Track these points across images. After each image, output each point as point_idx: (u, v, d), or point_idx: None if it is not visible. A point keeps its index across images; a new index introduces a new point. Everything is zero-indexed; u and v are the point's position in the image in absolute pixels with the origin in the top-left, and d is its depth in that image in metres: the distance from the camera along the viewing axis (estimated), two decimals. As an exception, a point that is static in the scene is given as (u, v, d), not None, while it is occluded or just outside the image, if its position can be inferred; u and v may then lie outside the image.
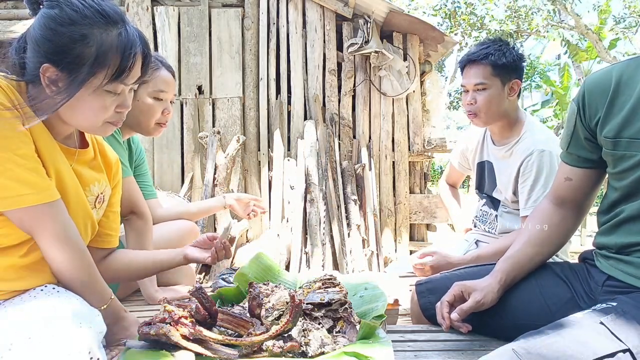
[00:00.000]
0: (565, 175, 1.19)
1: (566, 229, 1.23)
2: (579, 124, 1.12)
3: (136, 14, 4.05)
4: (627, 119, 1.00)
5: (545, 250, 1.22)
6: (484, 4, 11.50)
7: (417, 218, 4.30)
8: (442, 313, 1.18)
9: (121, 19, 1.00)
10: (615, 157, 1.04)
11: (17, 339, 0.80)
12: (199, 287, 1.05)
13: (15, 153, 0.93)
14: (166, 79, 1.65)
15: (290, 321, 0.98)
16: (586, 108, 1.09)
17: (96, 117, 1.02)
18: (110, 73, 0.98)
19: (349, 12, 4.14)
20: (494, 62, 1.74)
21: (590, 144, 1.12)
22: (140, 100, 1.61)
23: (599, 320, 0.89)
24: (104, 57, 0.96)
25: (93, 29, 0.96)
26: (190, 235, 1.93)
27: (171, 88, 1.68)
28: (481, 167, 2.02)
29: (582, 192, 1.19)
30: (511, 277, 1.19)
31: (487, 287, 1.17)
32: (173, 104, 1.74)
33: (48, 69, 0.96)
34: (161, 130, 1.71)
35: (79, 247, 1.05)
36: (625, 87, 1.02)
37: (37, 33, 0.96)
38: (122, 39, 0.99)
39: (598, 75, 1.09)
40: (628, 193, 1.04)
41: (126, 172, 1.56)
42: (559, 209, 1.23)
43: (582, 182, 1.17)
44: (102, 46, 0.96)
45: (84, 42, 0.95)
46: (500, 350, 0.87)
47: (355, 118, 4.28)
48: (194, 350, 0.94)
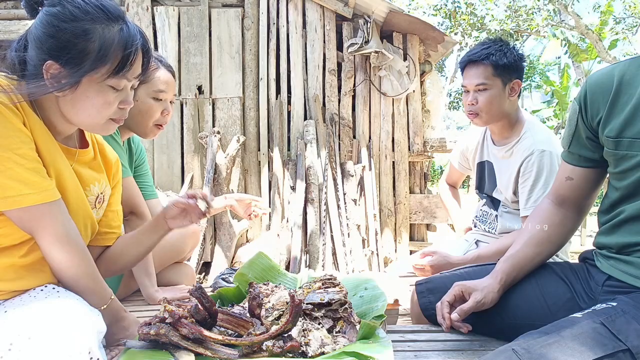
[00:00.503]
0: (567, 175, 1.19)
1: (566, 229, 1.23)
2: (580, 123, 1.12)
3: (136, 14, 4.05)
4: (629, 119, 1.00)
5: (545, 251, 1.22)
6: (484, 4, 11.50)
7: (417, 218, 4.30)
8: (443, 313, 1.18)
9: (122, 16, 1.02)
10: (616, 157, 1.04)
11: (17, 339, 0.80)
12: (199, 287, 1.05)
13: (16, 152, 0.93)
14: (166, 79, 1.64)
15: (290, 321, 0.98)
16: (588, 107, 1.09)
17: (99, 113, 1.03)
18: (112, 68, 0.99)
19: (349, 12, 4.14)
20: (495, 63, 1.74)
21: (591, 143, 1.12)
22: (140, 100, 1.59)
23: (599, 320, 0.89)
24: (105, 52, 0.97)
25: (95, 24, 0.97)
26: (191, 236, 1.93)
27: (171, 88, 1.66)
28: (481, 167, 2.02)
29: (583, 192, 1.19)
30: (511, 277, 1.19)
31: (487, 288, 1.17)
32: (173, 104, 1.73)
33: (51, 66, 0.97)
34: (158, 132, 1.69)
35: (79, 247, 1.05)
36: (628, 86, 1.01)
37: (39, 31, 0.97)
38: (123, 34, 1.00)
39: (600, 74, 1.08)
40: (629, 193, 1.04)
41: (125, 172, 1.56)
42: (559, 209, 1.23)
43: (583, 181, 1.17)
44: (104, 41, 0.97)
45: (86, 37, 0.96)
46: (501, 349, 0.87)
47: (355, 118, 4.28)
48: (194, 350, 0.94)
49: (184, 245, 1.94)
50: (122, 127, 1.63)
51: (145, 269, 1.66)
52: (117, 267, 1.28)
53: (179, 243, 1.91)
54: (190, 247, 2.00)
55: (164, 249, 1.79)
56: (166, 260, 1.87)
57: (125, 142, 1.78)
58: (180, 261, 2.01)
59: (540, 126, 1.85)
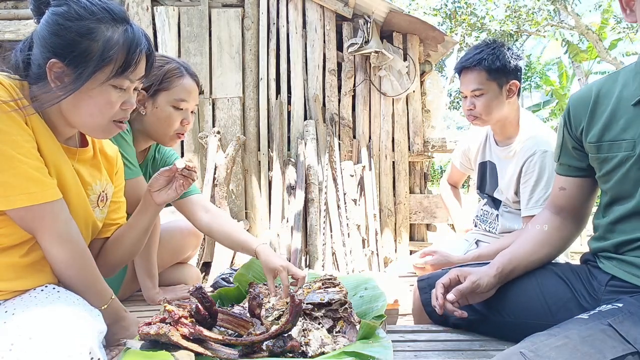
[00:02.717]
0: (560, 185, 1.26)
1: (566, 234, 1.26)
2: (566, 135, 1.21)
3: (136, 14, 4.05)
4: (607, 124, 1.09)
5: (544, 251, 1.24)
6: (484, 4, 11.49)
7: (417, 218, 4.30)
8: (437, 294, 1.20)
9: (126, 18, 1.03)
10: (599, 161, 1.12)
11: (18, 339, 0.80)
12: (199, 287, 1.05)
13: (18, 151, 0.93)
14: (188, 87, 1.57)
15: (290, 321, 0.99)
16: (571, 120, 1.18)
17: (102, 114, 1.03)
18: (115, 68, 1.00)
19: (349, 12, 4.14)
20: (488, 67, 1.74)
21: (578, 152, 1.20)
22: (159, 108, 1.54)
23: (606, 321, 0.89)
24: (110, 52, 0.98)
25: (100, 24, 0.98)
26: (192, 236, 1.92)
27: (192, 97, 1.59)
28: (483, 167, 2.03)
29: (577, 201, 1.24)
30: (508, 269, 1.20)
31: (483, 271, 1.19)
32: (194, 114, 1.64)
33: (55, 64, 0.97)
34: (178, 140, 1.62)
35: (79, 247, 1.05)
36: (604, 97, 1.11)
37: (44, 30, 0.98)
38: (128, 35, 1.01)
39: (580, 91, 1.20)
40: (616, 195, 1.09)
41: (135, 172, 1.54)
42: (557, 217, 1.27)
43: (576, 190, 1.23)
44: (109, 41, 0.98)
45: (90, 36, 0.97)
46: (508, 353, 0.87)
47: (355, 118, 4.28)
48: (194, 350, 0.94)
49: (185, 245, 1.93)
50: (140, 134, 1.59)
51: (148, 270, 1.65)
52: (115, 257, 1.25)
53: (180, 243, 1.90)
54: (192, 247, 1.99)
55: (166, 249, 1.79)
56: (168, 260, 1.86)
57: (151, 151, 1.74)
58: (184, 262, 2.01)
59: (542, 127, 1.86)
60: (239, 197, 4.13)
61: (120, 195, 1.30)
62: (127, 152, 1.50)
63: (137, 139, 1.60)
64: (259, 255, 1.37)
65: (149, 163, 1.77)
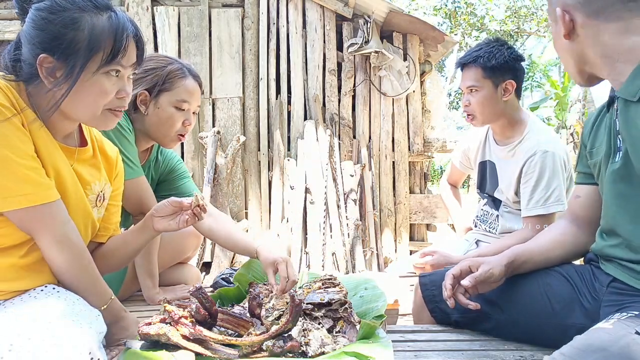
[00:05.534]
0: (576, 194, 1.28)
1: (580, 242, 1.26)
2: (582, 147, 1.26)
3: (136, 14, 4.05)
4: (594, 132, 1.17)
5: (557, 252, 1.25)
6: (484, 4, 11.49)
7: (417, 218, 4.30)
8: (446, 284, 1.19)
9: (109, 6, 1.03)
10: (592, 165, 1.17)
11: (18, 340, 0.80)
12: (199, 287, 1.05)
13: (15, 153, 0.93)
14: (190, 88, 1.56)
15: (290, 321, 0.98)
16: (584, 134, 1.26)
17: (96, 102, 1.03)
18: (105, 55, 1.00)
19: (349, 12, 4.14)
20: (484, 65, 1.78)
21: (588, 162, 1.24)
22: (161, 108, 1.54)
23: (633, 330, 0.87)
24: (97, 40, 0.98)
25: (83, 13, 0.98)
26: (193, 237, 1.92)
27: (194, 98, 1.58)
28: (483, 166, 2.03)
29: (590, 209, 1.24)
30: (519, 262, 1.21)
31: (495, 261, 1.19)
32: (195, 115, 1.63)
33: (45, 59, 0.97)
34: (178, 142, 1.62)
35: (78, 248, 1.05)
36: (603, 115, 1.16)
37: (30, 27, 0.98)
38: (112, 22, 1.01)
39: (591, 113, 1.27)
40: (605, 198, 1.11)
41: (137, 171, 1.53)
42: (573, 225, 1.28)
43: (589, 198, 1.24)
44: (94, 29, 0.98)
45: (75, 26, 0.97)
46: None
47: (355, 118, 4.28)
48: (194, 350, 0.94)
49: (186, 246, 1.93)
50: (141, 134, 1.59)
51: (149, 271, 1.65)
52: (107, 266, 1.25)
53: (180, 243, 1.90)
54: (193, 248, 1.98)
55: (166, 250, 1.79)
56: (168, 260, 1.86)
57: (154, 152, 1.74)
58: (184, 262, 2.01)
59: (543, 127, 1.86)
60: (239, 197, 4.13)
61: (118, 200, 1.29)
62: (129, 152, 1.50)
63: (138, 139, 1.60)
64: (259, 253, 1.37)
65: (152, 164, 1.77)
